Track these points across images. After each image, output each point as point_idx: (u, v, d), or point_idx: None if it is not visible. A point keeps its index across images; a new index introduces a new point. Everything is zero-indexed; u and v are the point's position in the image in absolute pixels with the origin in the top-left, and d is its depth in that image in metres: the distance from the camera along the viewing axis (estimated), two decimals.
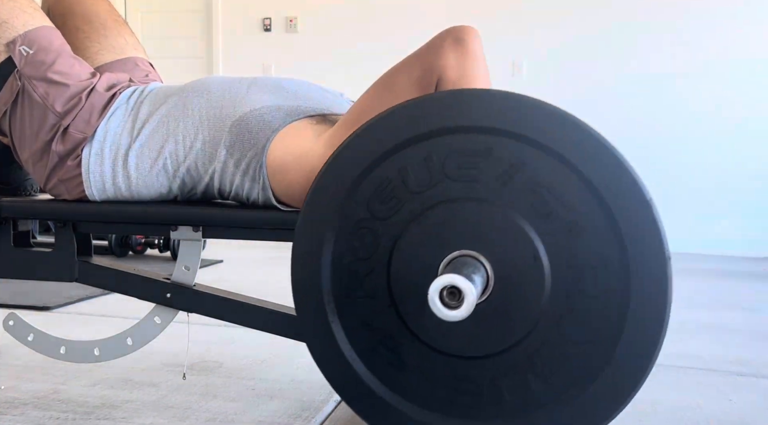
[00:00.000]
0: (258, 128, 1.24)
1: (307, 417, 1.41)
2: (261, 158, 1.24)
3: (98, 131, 1.31)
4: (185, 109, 1.29)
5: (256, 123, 1.25)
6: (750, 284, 3.35)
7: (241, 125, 1.25)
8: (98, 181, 1.31)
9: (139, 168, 1.30)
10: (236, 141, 1.25)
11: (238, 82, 1.32)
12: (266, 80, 1.34)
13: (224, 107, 1.28)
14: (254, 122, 1.25)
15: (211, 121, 1.27)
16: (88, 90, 1.31)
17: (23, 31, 1.30)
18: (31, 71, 1.29)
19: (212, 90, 1.31)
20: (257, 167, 1.24)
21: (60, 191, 1.35)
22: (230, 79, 1.35)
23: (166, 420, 1.38)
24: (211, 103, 1.29)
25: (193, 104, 1.29)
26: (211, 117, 1.28)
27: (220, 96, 1.29)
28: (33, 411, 1.42)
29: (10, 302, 2.30)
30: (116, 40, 1.58)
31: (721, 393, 1.66)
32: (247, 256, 3.78)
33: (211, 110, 1.28)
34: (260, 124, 1.25)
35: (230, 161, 1.26)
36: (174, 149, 1.28)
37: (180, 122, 1.29)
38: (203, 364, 1.75)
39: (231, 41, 5.24)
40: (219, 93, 1.30)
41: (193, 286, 1.34)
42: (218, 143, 1.26)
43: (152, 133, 1.29)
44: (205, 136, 1.27)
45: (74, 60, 1.35)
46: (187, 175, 1.30)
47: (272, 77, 1.36)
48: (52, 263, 1.38)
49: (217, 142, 1.26)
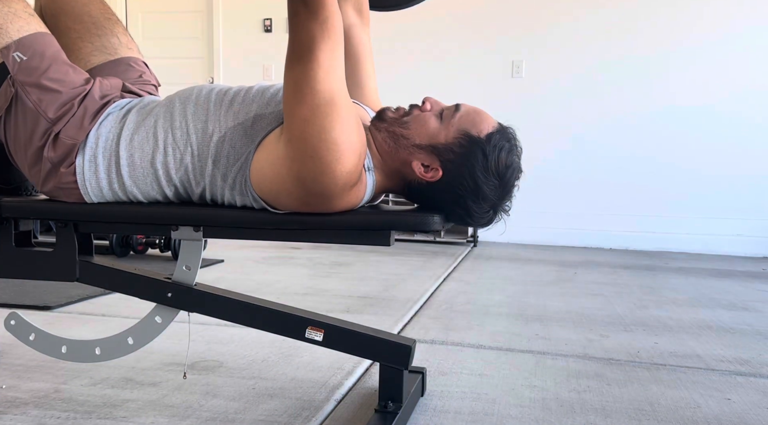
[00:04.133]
0: (241, 143, 1.24)
1: (307, 417, 1.42)
2: (246, 172, 1.23)
3: (90, 138, 1.30)
4: (173, 121, 1.29)
5: (240, 138, 1.25)
6: (749, 284, 3.35)
7: (225, 141, 1.25)
8: (95, 187, 1.31)
9: (133, 176, 1.30)
10: (221, 156, 1.25)
11: (224, 95, 1.31)
12: (249, 91, 1.32)
13: (208, 120, 1.28)
14: (237, 137, 1.25)
15: (198, 135, 1.27)
16: (81, 97, 1.31)
17: (17, 38, 1.30)
18: (24, 77, 1.29)
19: (198, 102, 1.30)
20: (242, 181, 1.24)
21: (58, 196, 1.35)
22: (217, 90, 1.33)
23: (167, 419, 1.39)
24: (197, 116, 1.29)
25: (180, 117, 1.29)
26: (198, 131, 1.27)
27: (205, 109, 1.29)
28: (34, 411, 1.42)
29: (11, 302, 2.31)
30: (109, 39, 1.57)
31: (720, 392, 1.66)
32: (247, 256, 3.78)
33: (198, 124, 1.28)
34: (243, 139, 1.24)
35: (218, 174, 1.26)
36: (164, 160, 1.28)
37: (168, 134, 1.28)
38: (204, 363, 1.76)
39: (231, 42, 5.24)
40: (204, 106, 1.29)
41: (193, 286, 1.35)
42: (206, 157, 1.26)
43: (142, 143, 1.29)
44: (194, 149, 1.27)
45: (68, 67, 1.34)
46: (180, 186, 1.30)
47: (256, 85, 1.34)
48: (54, 263, 1.38)
49: (204, 156, 1.26)
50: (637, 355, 1.96)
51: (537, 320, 2.38)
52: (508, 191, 1.28)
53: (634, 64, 4.55)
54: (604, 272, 3.56)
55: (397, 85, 3.77)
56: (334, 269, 3.39)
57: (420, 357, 1.83)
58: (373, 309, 2.47)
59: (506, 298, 2.78)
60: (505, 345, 2.02)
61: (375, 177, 1.28)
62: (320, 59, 1.12)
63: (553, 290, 3.00)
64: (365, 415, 1.42)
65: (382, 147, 1.28)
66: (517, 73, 4.75)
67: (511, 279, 3.26)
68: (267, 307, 1.36)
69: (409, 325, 2.27)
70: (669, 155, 4.53)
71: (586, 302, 2.74)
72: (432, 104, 1.29)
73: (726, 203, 4.47)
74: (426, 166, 1.26)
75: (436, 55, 4.83)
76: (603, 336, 2.18)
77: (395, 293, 2.78)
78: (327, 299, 2.65)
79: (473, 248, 4.49)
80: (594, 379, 1.73)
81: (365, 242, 1.27)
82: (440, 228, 1.27)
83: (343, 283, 3.03)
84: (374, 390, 1.55)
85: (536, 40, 4.69)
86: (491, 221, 1.30)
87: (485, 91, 4.67)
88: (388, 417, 1.32)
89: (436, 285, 3.02)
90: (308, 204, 1.21)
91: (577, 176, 4.66)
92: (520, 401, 1.56)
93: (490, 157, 1.24)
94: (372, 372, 1.72)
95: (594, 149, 4.63)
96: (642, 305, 2.69)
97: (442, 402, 1.54)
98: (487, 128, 1.26)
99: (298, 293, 2.77)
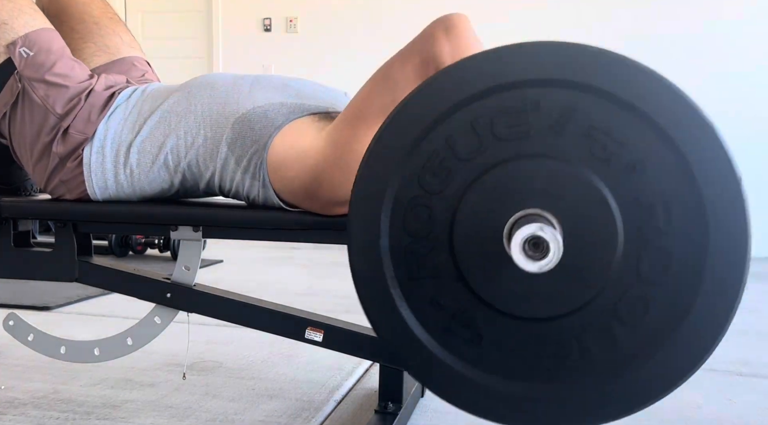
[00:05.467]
0: (261, 126, 1.24)
1: (307, 417, 1.41)
2: (263, 154, 1.23)
3: (98, 130, 1.30)
4: (188, 105, 1.29)
5: (259, 120, 1.24)
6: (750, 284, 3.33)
7: (243, 122, 1.25)
8: (100, 179, 1.31)
9: (141, 163, 1.30)
10: (238, 138, 1.25)
11: (242, 79, 1.32)
12: (271, 78, 1.33)
13: (227, 103, 1.27)
14: (257, 119, 1.25)
15: (213, 117, 1.27)
16: (87, 91, 1.31)
17: (23, 33, 1.30)
18: (30, 73, 1.29)
19: (216, 86, 1.30)
20: (258, 163, 1.24)
21: (61, 191, 1.35)
22: (234, 76, 1.34)
23: (166, 420, 1.38)
24: (214, 99, 1.28)
25: (196, 100, 1.29)
26: (213, 113, 1.27)
27: (223, 92, 1.29)
28: (33, 411, 1.42)
29: (10, 302, 2.31)
30: (111, 39, 1.57)
31: (721, 392, 1.66)
32: (247, 256, 3.78)
33: (214, 106, 1.28)
34: (263, 121, 1.24)
35: (231, 157, 1.26)
36: (175, 144, 1.28)
37: (182, 118, 1.28)
38: (203, 364, 1.75)
39: (231, 41, 5.24)
40: (222, 90, 1.29)
41: (193, 286, 1.34)
42: (220, 139, 1.26)
43: (154, 128, 1.29)
44: (207, 132, 1.27)
45: (74, 62, 1.35)
46: (188, 171, 1.30)
47: (277, 76, 1.35)
48: (53, 263, 1.38)
49: (218, 138, 1.26)
50: None
51: None
52: None
53: None
54: None
55: None
56: (334, 269, 3.39)
57: None
58: None
59: None
60: None
61: None
62: None
63: None
64: (365, 416, 1.42)
65: None
66: None
67: None
68: (266, 307, 1.36)
69: None
70: None
71: None
72: None
73: None
74: None
75: None
76: None
77: None
78: (327, 299, 2.65)
79: None
80: None
81: None
82: None
83: (343, 283, 3.01)
84: (374, 391, 1.54)
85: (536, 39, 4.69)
86: None
87: None
88: (388, 418, 1.32)
89: None
90: (313, 199, 1.21)
91: None
92: None
93: None
94: (372, 372, 1.71)
95: None
96: None
97: (442, 403, 1.52)
98: None
99: (297, 293, 2.77)
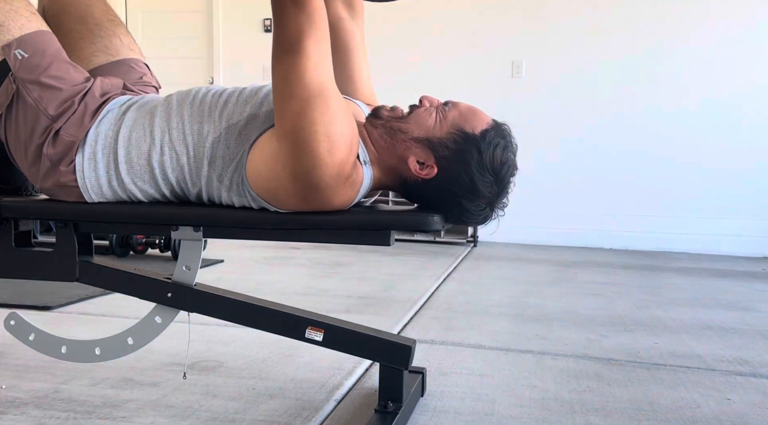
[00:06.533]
0: (235, 144, 1.24)
1: (307, 417, 1.42)
2: (242, 172, 1.23)
3: (89, 135, 1.31)
4: (170, 121, 1.29)
5: (234, 138, 1.25)
6: (749, 284, 3.35)
7: (220, 142, 1.26)
8: (95, 185, 1.31)
9: (131, 173, 1.30)
10: (217, 158, 1.26)
11: (219, 96, 1.32)
12: (245, 91, 1.32)
13: (204, 122, 1.28)
14: (232, 137, 1.25)
15: (194, 136, 1.28)
16: (82, 94, 1.32)
17: (19, 35, 1.30)
18: (25, 75, 1.29)
19: (195, 104, 1.31)
20: (239, 181, 1.24)
21: (58, 195, 1.35)
22: (213, 92, 1.33)
23: (167, 420, 1.39)
24: (193, 117, 1.29)
25: (177, 117, 1.29)
26: (194, 132, 1.28)
27: (200, 111, 1.29)
28: (34, 411, 1.42)
29: (11, 302, 2.31)
30: (111, 40, 1.57)
31: (720, 392, 1.66)
32: (247, 256, 3.78)
33: (194, 125, 1.28)
34: (237, 139, 1.25)
35: (213, 175, 1.27)
36: (160, 159, 1.29)
37: (165, 134, 1.29)
38: (203, 364, 1.76)
39: (231, 41, 5.24)
40: (200, 107, 1.30)
41: (193, 286, 1.35)
42: (201, 159, 1.27)
43: (139, 141, 1.29)
44: (189, 151, 1.27)
45: (69, 65, 1.35)
46: (176, 186, 1.31)
47: (253, 85, 1.34)
48: (53, 263, 1.38)
49: (200, 158, 1.27)
50: (637, 355, 1.96)
51: (537, 320, 2.38)
52: (504, 187, 1.28)
53: (635, 64, 4.55)
54: (604, 272, 3.56)
55: (397, 86, 3.77)
56: (334, 269, 3.39)
57: (420, 357, 1.83)
58: (373, 309, 2.47)
59: (506, 298, 2.78)
60: (505, 345, 2.02)
61: (372, 171, 1.28)
62: (308, 52, 1.14)
63: (554, 290, 3.00)
64: (365, 415, 1.42)
65: (378, 143, 1.28)
66: (517, 74, 4.75)
67: (511, 279, 3.26)
68: (267, 307, 1.36)
69: (409, 325, 2.27)
70: (669, 154, 4.53)
71: (586, 302, 2.74)
72: (429, 101, 1.30)
73: (726, 203, 4.47)
74: (421, 163, 1.26)
75: (436, 55, 4.83)
76: (603, 336, 2.18)
77: (395, 294, 2.78)
78: (327, 299, 2.65)
79: (473, 248, 4.49)
80: (594, 379, 1.73)
81: (365, 242, 1.27)
82: (440, 228, 1.26)
83: (343, 283, 3.03)
84: (374, 391, 1.55)
85: (536, 40, 4.69)
86: (487, 218, 1.30)
87: (485, 91, 4.67)
88: (388, 417, 1.32)
89: (436, 285, 3.02)
90: (306, 200, 1.21)
91: (577, 175, 4.66)
92: (520, 401, 1.56)
93: (484, 154, 1.24)
94: (372, 372, 1.72)
95: (594, 149, 4.63)
96: (642, 306, 2.69)
97: (442, 402, 1.54)
98: (480, 124, 1.26)
99: (298, 293, 2.77)
